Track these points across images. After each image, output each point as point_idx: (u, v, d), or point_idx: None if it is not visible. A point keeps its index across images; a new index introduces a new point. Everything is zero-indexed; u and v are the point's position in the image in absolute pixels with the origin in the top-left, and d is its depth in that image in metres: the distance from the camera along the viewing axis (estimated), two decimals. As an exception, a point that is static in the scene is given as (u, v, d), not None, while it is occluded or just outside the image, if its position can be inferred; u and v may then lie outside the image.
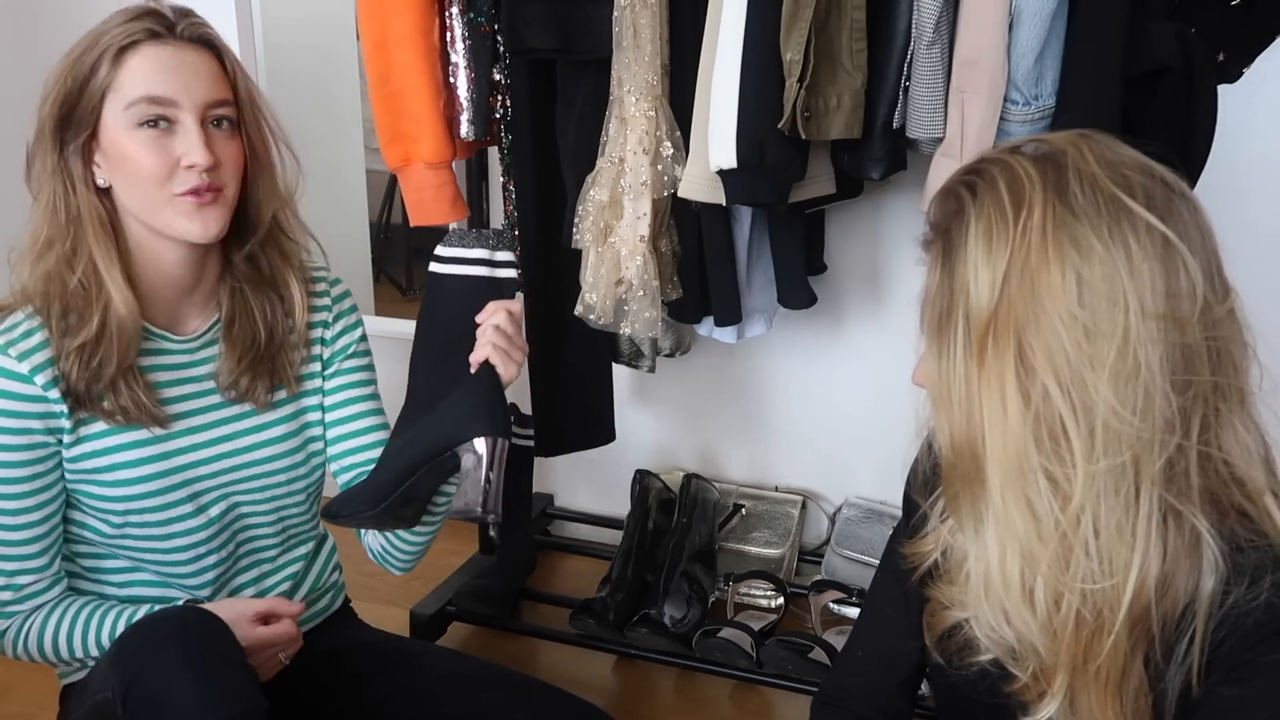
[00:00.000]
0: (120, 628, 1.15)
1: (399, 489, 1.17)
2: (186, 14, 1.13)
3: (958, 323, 0.81)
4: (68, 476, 1.16)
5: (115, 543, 1.19)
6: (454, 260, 1.23)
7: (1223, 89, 1.35)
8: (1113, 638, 0.81)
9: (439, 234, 2.26)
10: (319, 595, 1.38)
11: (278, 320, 1.23)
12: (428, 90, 1.56)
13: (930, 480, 0.98)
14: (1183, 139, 1.31)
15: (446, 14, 1.56)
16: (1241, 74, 1.43)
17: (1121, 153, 0.82)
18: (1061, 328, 0.77)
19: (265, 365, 1.23)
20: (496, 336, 1.18)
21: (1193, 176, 1.33)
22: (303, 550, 1.35)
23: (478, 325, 1.20)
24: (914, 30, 1.31)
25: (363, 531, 1.37)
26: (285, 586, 1.32)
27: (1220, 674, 0.81)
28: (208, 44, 1.14)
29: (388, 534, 1.33)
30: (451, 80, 1.59)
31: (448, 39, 1.58)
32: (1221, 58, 1.37)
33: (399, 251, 2.98)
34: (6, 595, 1.16)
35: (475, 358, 1.19)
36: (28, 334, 1.11)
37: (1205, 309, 0.78)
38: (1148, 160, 0.82)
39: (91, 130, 1.10)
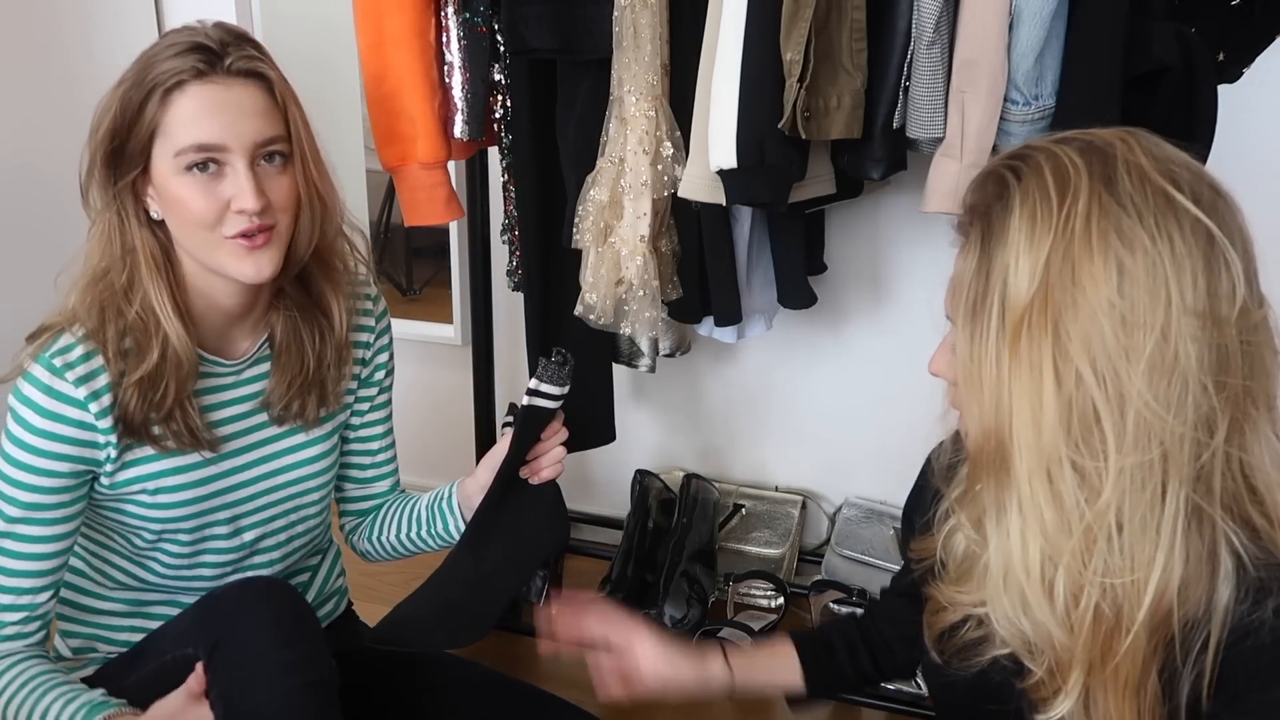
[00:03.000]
0: (53, 711, 1.08)
1: (498, 614, 1.21)
2: (237, 40, 1.08)
3: (993, 307, 0.80)
4: (106, 495, 1.14)
5: (141, 555, 1.19)
6: (541, 395, 1.20)
7: (1223, 89, 1.35)
8: (1131, 638, 0.80)
9: (439, 234, 2.28)
10: (324, 600, 1.38)
11: (327, 346, 1.22)
12: (423, 90, 1.56)
13: (950, 471, 0.97)
14: (1183, 139, 1.30)
15: (442, 14, 1.56)
16: (1241, 74, 1.43)
17: (1169, 150, 0.81)
18: (1101, 316, 0.76)
19: (314, 389, 1.22)
20: (559, 460, 1.25)
21: (1193, 177, 1.33)
22: (314, 560, 1.36)
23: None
24: (914, 30, 1.31)
25: (360, 536, 1.38)
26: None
27: (1225, 697, 0.80)
28: (257, 76, 1.08)
29: (385, 542, 1.34)
30: (447, 80, 1.59)
31: (443, 39, 1.58)
32: (1221, 58, 1.37)
33: (399, 251, 2.98)
34: None
35: (542, 477, 1.24)
36: (87, 357, 1.08)
37: (1244, 312, 0.78)
38: (1194, 161, 0.81)
39: (142, 167, 1.07)
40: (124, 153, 1.06)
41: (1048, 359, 0.78)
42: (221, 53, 1.06)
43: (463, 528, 1.30)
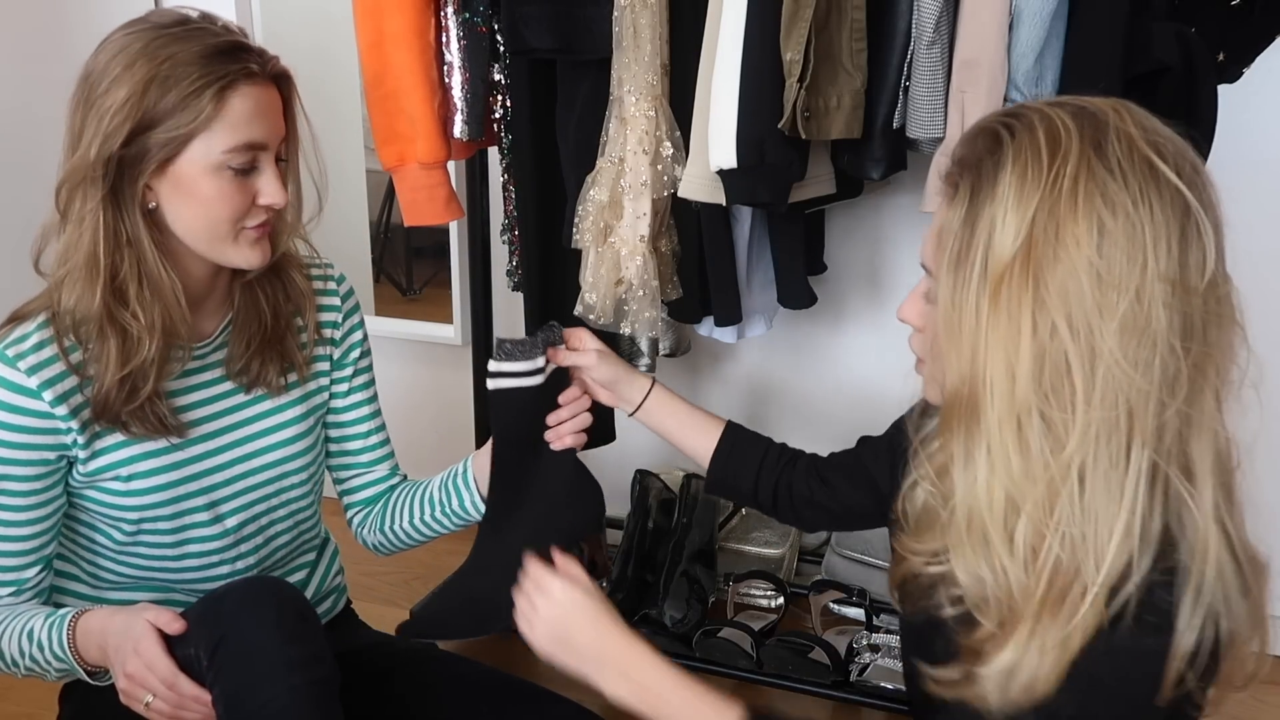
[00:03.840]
0: (37, 631, 1.10)
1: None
2: (259, 49, 1.11)
3: (976, 258, 0.83)
4: (81, 483, 1.15)
5: (125, 551, 1.19)
6: (506, 374, 1.19)
7: (1223, 89, 1.35)
8: (1093, 597, 0.81)
9: (439, 234, 2.27)
10: (323, 599, 1.38)
11: (280, 304, 1.22)
12: (423, 90, 1.56)
13: (920, 424, 1.03)
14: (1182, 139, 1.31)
15: (442, 14, 1.56)
16: (1241, 74, 1.43)
17: (1157, 123, 0.84)
18: (1080, 273, 0.79)
19: (274, 348, 1.22)
20: (581, 429, 1.23)
21: (1193, 176, 1.33)
22: (310, 556, 1.35)
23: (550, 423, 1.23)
24: (914, 30, 1.31)
25: (370, 529, 1.37)
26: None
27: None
28: (283, 78, 1.13)
29: (398, 530, 1.34)
30: (446, 80, 1.59)
31: (443, 39, 1.58)
32: (1221, 58, 1.37)
33: (399, 251, 2.98)
34: None
35: (564, 444, 1.23)
36: (39, 347, 1.08)
37: (1212, 283, 0.81)
38: (1179, 137, 0.84)
39: (161, 164, 1.06)
40: (145, 149, 1.05)
41: (1026, 310, 0.80)
42: (254, 51, 1.09)
43: (480, 504, 1.29)
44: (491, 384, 1.19)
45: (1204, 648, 0.80)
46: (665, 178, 1.49)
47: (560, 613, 1.04)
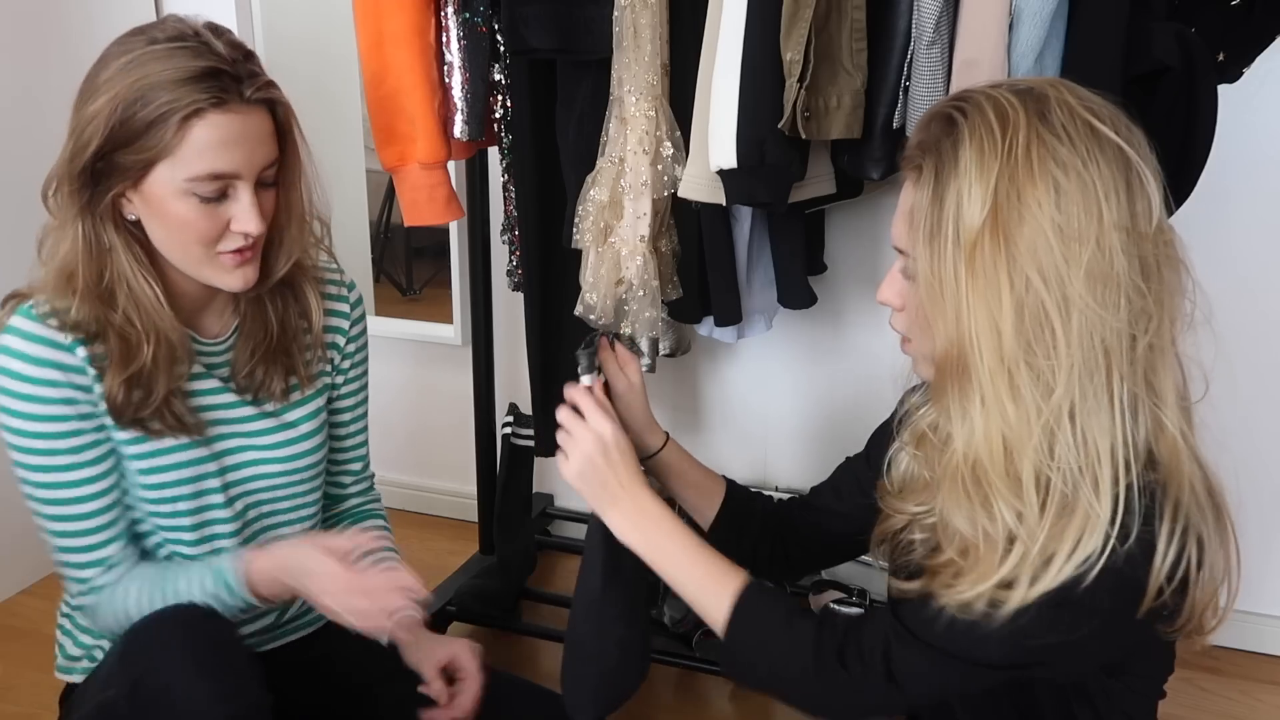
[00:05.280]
0: (180, 578, 1.14)
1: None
2: (245, 58, 1.07)
3: (948, 230, 0.90)
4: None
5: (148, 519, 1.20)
6: None
7: (1223, 89, 1.35)
8: (1098, 519, 0.87)
9: (439, 234, 2.27)
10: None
11: (290, 315, 1.22)
12: (423, 90, 1.56)
13: (911, 396, 1.12)
14: (1183, 139, 1.31)
15: (442, 14, 1.56)
16: (1241, 74, 1.43)
17: (1090, 93, 0.92)
18: (1045, 228, 0.87)
19: (279, 359, 1.22)
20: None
21: (1193, 176, 1.33)
22: None
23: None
24: (914, 30, 1.31)
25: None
26: None
27: None
28: (270, 103, 1.08)
29: None
30: (447, 80, 1.59)
31: (443, 39, 1.58)
32: (1221, 58, 1.37)
33: (399, 251, 2.98)
34: (91, 572, 1.15)
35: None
36: (65, 310, 1.07)
37: (1160, 228, 0.90)
38: (1113, 104, 0.92)
39: (133, 180, 1.05)
40: (114, 166, 1.05)
41: (1002, 270, 0.88)
42: (236, 75, 1.04)
43: None
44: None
45: (1181, 564, 0.88)
46: (665, 178, 1.49)
47: (592, 449, 1.10)
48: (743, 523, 1.29)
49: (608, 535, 1.11)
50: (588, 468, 1.09)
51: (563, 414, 1.12)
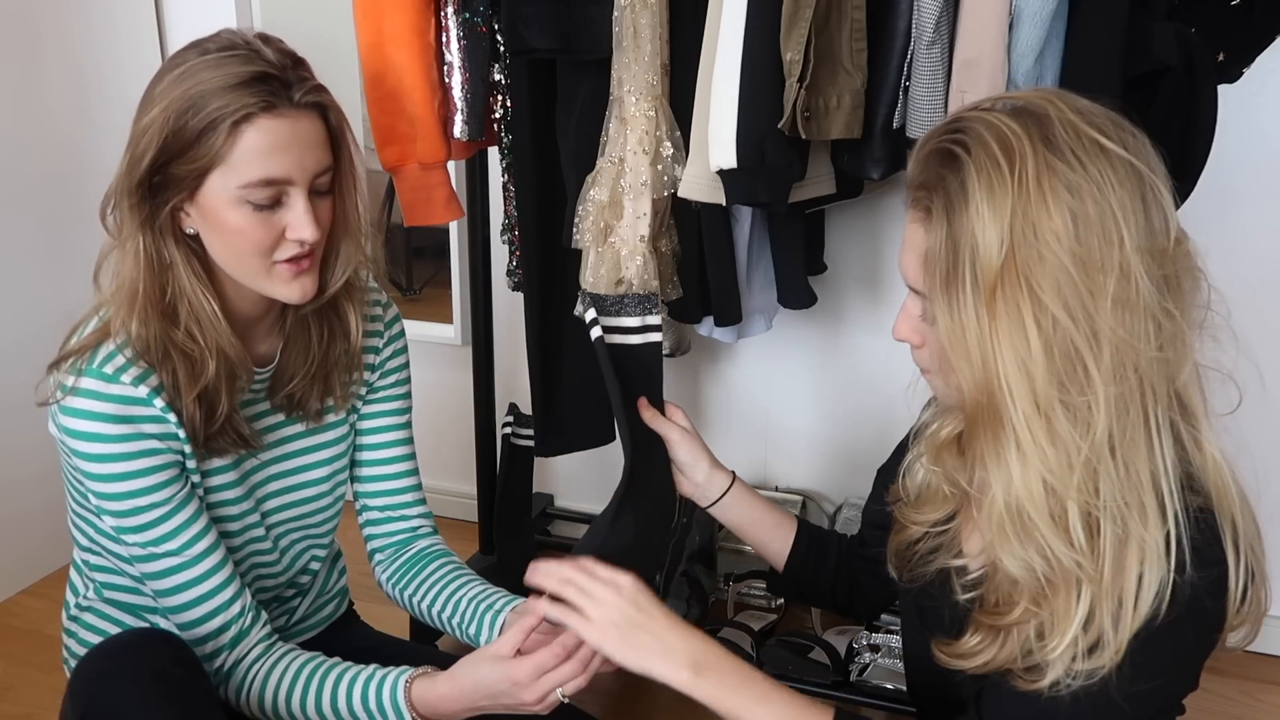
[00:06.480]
0: (339, 692, 1.12)
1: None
2: (295, 64, 1.07)
3: (965, 274, 0.86)
4: None
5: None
6: (618, 329, 1.23)
7: (1223, 89, 1.35)
8: (1153, 553, 0.85)
9: (439, 234, 2.27)
10: (325, 603, 1.38)
11: (334, 341, 1.21)
12: (423, 90, 1.56)
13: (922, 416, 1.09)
14: (1183, 139, 1.31)
15: (442, 14, 1.56)
16: (1241, 74, 1.43)
17: (1088, 103, 0.89)
18: (1066, 262, 0.83)
19: (318, 381, 1.21)
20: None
21: (1193, 177, 1.33)
22: (318, 565, 1.35)
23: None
24: (914, 30, 1.31)
25: (392, 584, 1.35)
26: (290, 591, 1.32)
27: None
28: (320, 106, 1.08)
29: (418, 607, 1.32)
30: (446, 80, 1.58)
31: (443, 39, 1.58)
32: (1221, 58, 1.37)
33: (399, 251, 2.98)
34: (212, 646, 1.12)
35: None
36: (135, 360, 1.06)
37: (1178, 241, 0.86)
38: (1111, 111, 0.88)
39: (189, 192, 1.04)
40: (170, 177, 1.04)
41: (1026, 309, 0.84)
42: (285, 80, 1.04)
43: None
44: (609, 338, 1.20)
45: (1245, 582, 0.86)
46: (665, 178, 1.49)
47: (624, 605, 1.01)
48: (819, 561, 1.27)
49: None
50: (623, 624, 1.00)
51: (568, 573, 1.06)
